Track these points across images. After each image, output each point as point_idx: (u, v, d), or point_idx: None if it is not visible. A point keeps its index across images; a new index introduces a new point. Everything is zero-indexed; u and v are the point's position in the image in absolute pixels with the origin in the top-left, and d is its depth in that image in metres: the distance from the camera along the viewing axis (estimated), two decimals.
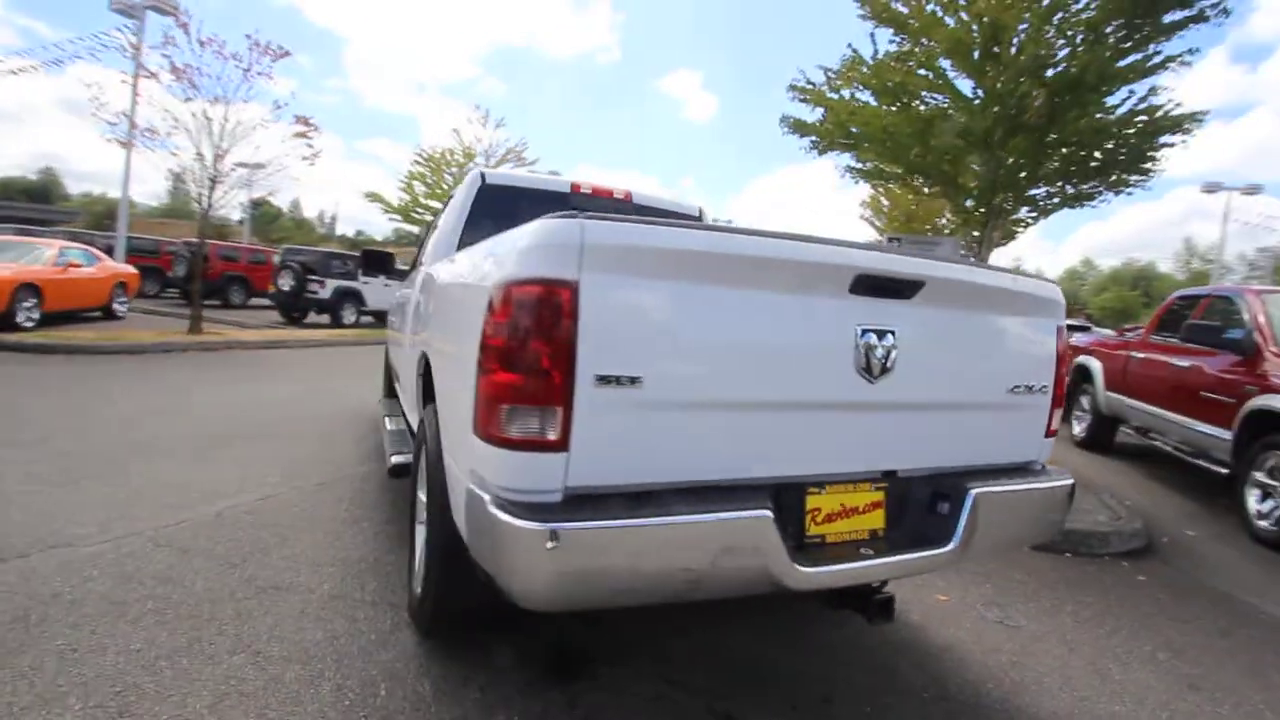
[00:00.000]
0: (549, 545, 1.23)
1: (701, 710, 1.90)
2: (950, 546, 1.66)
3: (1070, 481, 1.94)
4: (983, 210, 5.76)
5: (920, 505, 1.76)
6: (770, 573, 1.41)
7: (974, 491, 1.70)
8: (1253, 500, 4.14)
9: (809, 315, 1.51)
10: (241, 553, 2.68)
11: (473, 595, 1.87)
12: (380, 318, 15.29)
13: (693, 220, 3.68)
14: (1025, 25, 4.85)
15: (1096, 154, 5.41)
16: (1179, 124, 5.26)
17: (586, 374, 1.29)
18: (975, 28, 4.94)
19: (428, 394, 2.47)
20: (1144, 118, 5.33)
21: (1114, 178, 5.57)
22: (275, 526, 2.99)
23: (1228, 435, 4.39)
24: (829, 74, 6.09)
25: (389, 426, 3.69)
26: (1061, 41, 4.97)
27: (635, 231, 1.33)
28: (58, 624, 2.05)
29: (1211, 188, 23.06)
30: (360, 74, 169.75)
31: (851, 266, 1.51)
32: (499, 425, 1.32)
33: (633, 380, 1.33)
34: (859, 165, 6.65)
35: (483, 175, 3.20)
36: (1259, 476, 4.13)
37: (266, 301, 15.87)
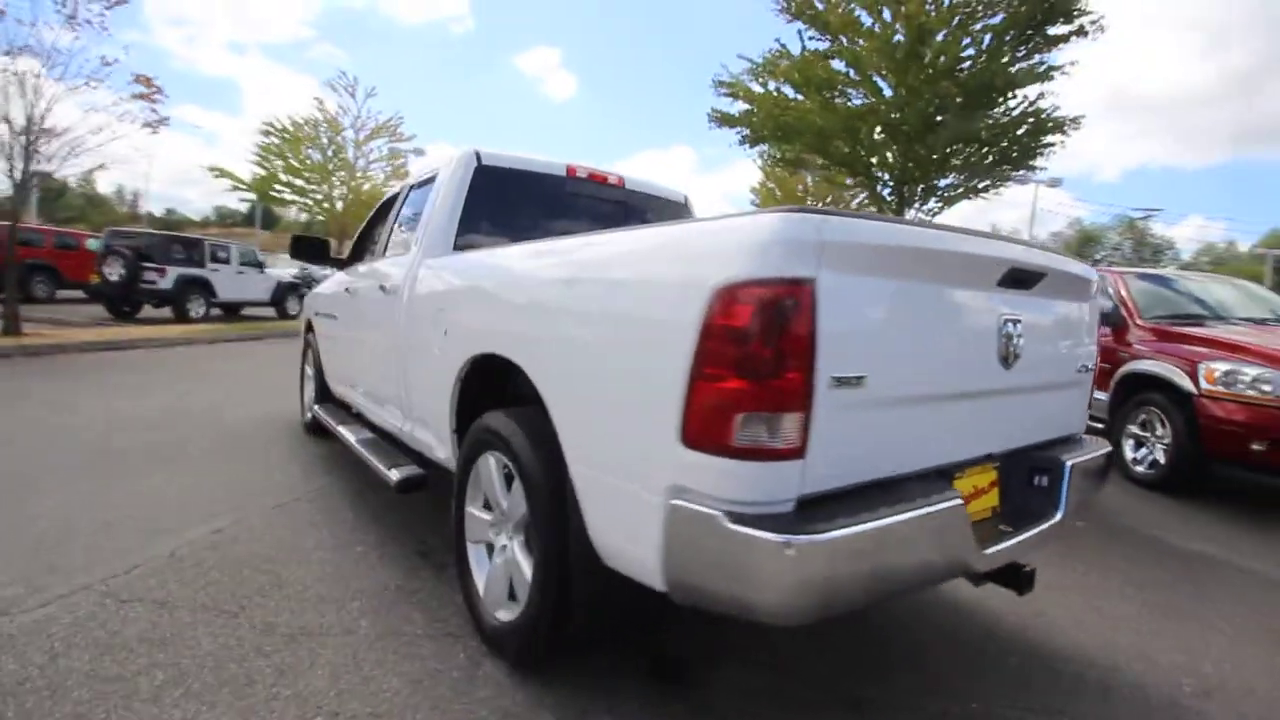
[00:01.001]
0: (796, 554, 1.17)
1: (825, 696, 1.92)
2: (1058, 517, 1.81)
3: (1110, 448, 2.19)
4: (896, 199, 6.30)
5: (1020, 481, 1.89)
6: (964, 558, 1.46)
7: (1069, 463, 1.86)
8: (1129, 449, 4.94)
9: (974, 308, 1.56)
10: (234, 598, 2.27)
11: (593, 615, 1.75)
12: (231, 310, 13.57)
13: (681, 206, 3.63)
14: (945, 32, 5.34)
15: (995, 150, 6.14)
16: (1060, 125, 6.11)
17: (825, 376, 1.23)
18: (902, 31, 5.35)
19: (467, 403, 2.25)
20: (1033, 119, 6.12)
21: (1007, 170, 6.36)
22: (254, 562, 2.56)
23: (1104, 397, 5.19)
24: (753, 66, 6.27)
25: (351, 437, 3.29)
26: (972, 49, 5.54)
27: (865, 228, 1.29)
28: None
29: (1021, 180, 26.87)
30: (165, 29, 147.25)
31: (1009, 260, 1.58)
32: (730, 435, 1.22)
33: (858, 380, 1.29)
34: (780, 156, 6.95)
35: (478, 155, 2.92)
36: (1132, 429, 4.93)
37: (81, 295, 13.47)
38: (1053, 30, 5.57)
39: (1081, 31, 5.62)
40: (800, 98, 6.01)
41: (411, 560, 2.68)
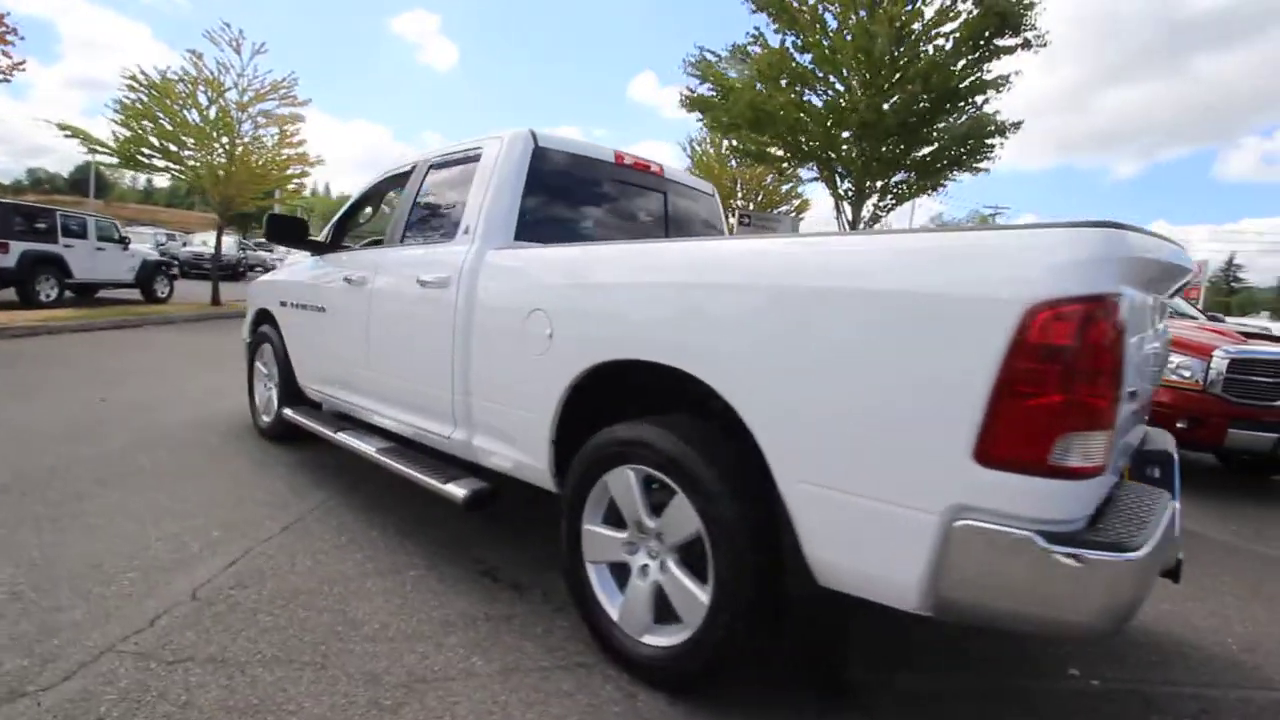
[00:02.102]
0: (1125, 570, 1.17)
1: (990, 686, 1.97)
2: (1177, 504, 1.96)
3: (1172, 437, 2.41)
4: (856, 194, 6.57)
5: (1138, 475, 2.02)
6: (1173, 555, 1.54)
7: (1175, 453, 2.01)
8: None
9: (1149, 318, 1.63)
10: (307, 645, 1.95)
11: (764, 633, 1.67)
12: (85, 293, 11.74)
13: (711, 198, 3.54)
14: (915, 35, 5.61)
15: (950, 151, 6.55)
16: (1003, 129, 6.63)
17: (1125, 391, 1.23)
18: (882, 32, 5.54)
19: (584, 413, 2.07)
20: (976, 125, 6.59)
21: (956, 167, 6.83)
22: (300, 598, 2.22)
23: None
24: (726, 53, 6.23)
25: (368, 447, 2.93)
26: (932, 54, 5.85)
27: (1144, 242, 1.29)
28: None
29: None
30: None
31: (1179, 266, 1.66)
32: (1045, 453, 1.19)
33: (1133, 395, 1.30)
34: (741, 147, 6.99)
35: (534, 135, 2.66)
36: None
37: None
38: (1001, 42, 6.05)
39: (1026, 44, 6.16)
40: (762, 89, 6.12)
41: (481, 583, 2.44)
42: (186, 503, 3.00)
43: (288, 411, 3.72)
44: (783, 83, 6.10)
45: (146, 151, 11.46)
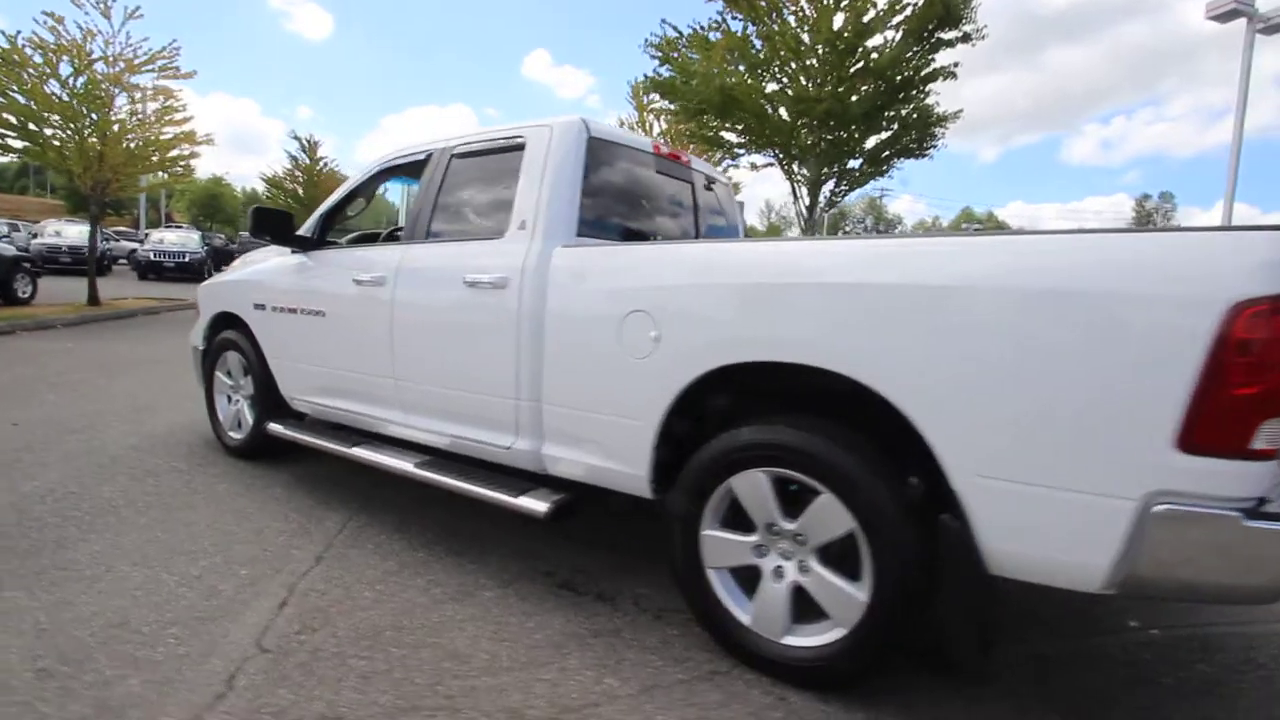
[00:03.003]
0: None
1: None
2: None
3: None
4: (813, 179, 6.74)
5: None
6: None
7: None
8: None
9: None
10: (419, 689, 1.78)
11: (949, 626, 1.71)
12: None
13: (728, 188, 3.52)
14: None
15: (902, 139, 6.85)
16: (945, 119, 7.01)
17: None
18: (846, 22, 5.64)
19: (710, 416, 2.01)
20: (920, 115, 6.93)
21: (904, 156, 7.16)
22: (384, 636, 2.03)
23: None
24: (689, 35, 6.15)
25: (405, 464, 2.72)
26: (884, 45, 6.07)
27: None
28: None
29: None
30: None
31: None
32: (1248, 439, 1.29)
33: None
34: (700, 132, 6.96)
35: (587, 124, 2.52)
36: None
37: None
38: (943, 35, 6.39)
39: (966, 38, 6.55)
40: (732, 77, 6.14)
41: (564, 596, 2.33)
42: (189, 539, 2.65)
43: (275, 427, 3.36)
44: (742, 69, 6.16)
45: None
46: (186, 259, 17.84)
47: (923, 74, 6.53)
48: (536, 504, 2.30)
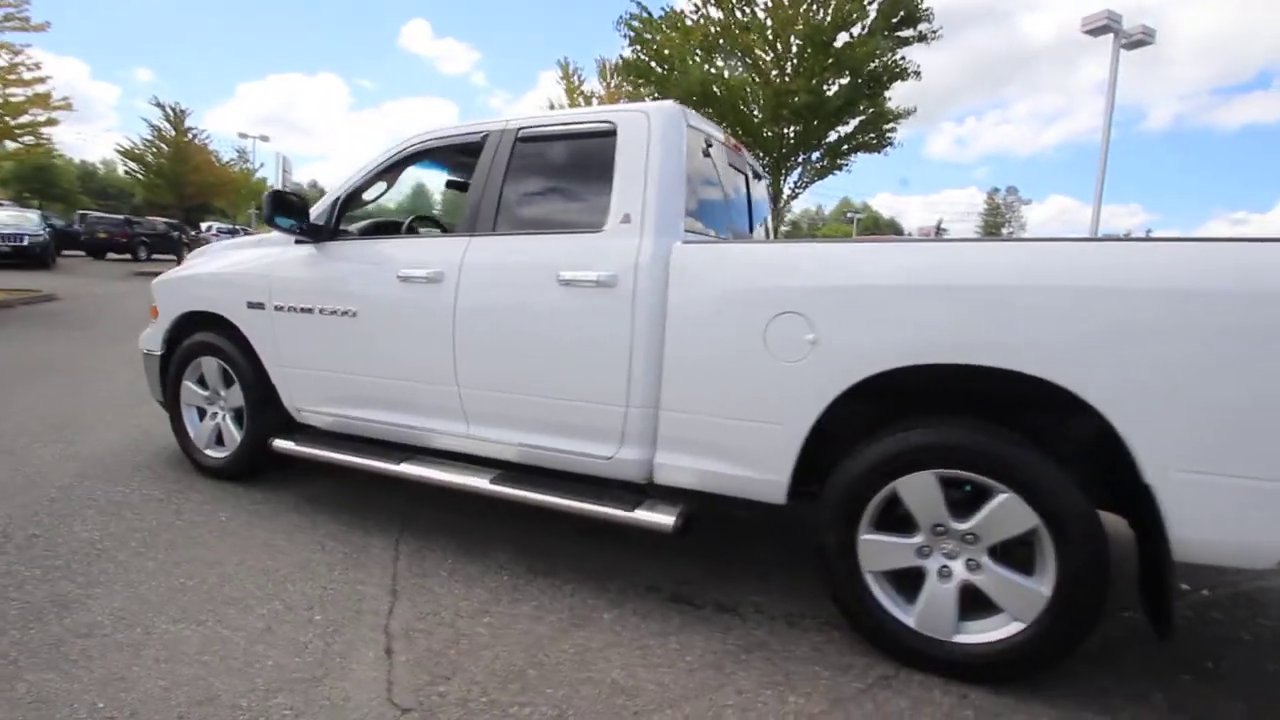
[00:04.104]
0: None
1: None
2: None
3: None
4: (776, 169, 6.83)
5: None
6: None
7: None
8: None
9: None
10: None
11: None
12: None
13: (762, 179, 3.47)
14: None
15: (863, 133, 7.07)
16: (900, 115, 7.33)
17: None
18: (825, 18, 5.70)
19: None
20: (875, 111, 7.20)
21: (862, 150, 7.40)
22: (531, 675, 1.83)
23: None
24: (659, 17, 5.98)
25: (477, 481, 2.47)
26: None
27: None
28: None
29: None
30: None
31: None
32: None
33: None
34: None
35: (685, 112, 2.37)
36: None
37: None
38: (902, 34, 6.69)
39: (921, 37, 6.88)
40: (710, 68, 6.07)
41: (686, 611, 2.22)
42: (224, 582, 2.25)
43: (283, 443, 2.94)
44: (719, 59, 6.13)
45: None
46: (25, 243, 15.21)
47: (892, 71, 6.86)
48: (661, 517, 2.16)
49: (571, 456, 2.37)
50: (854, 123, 7.70)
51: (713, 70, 6.67)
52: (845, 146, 8.09)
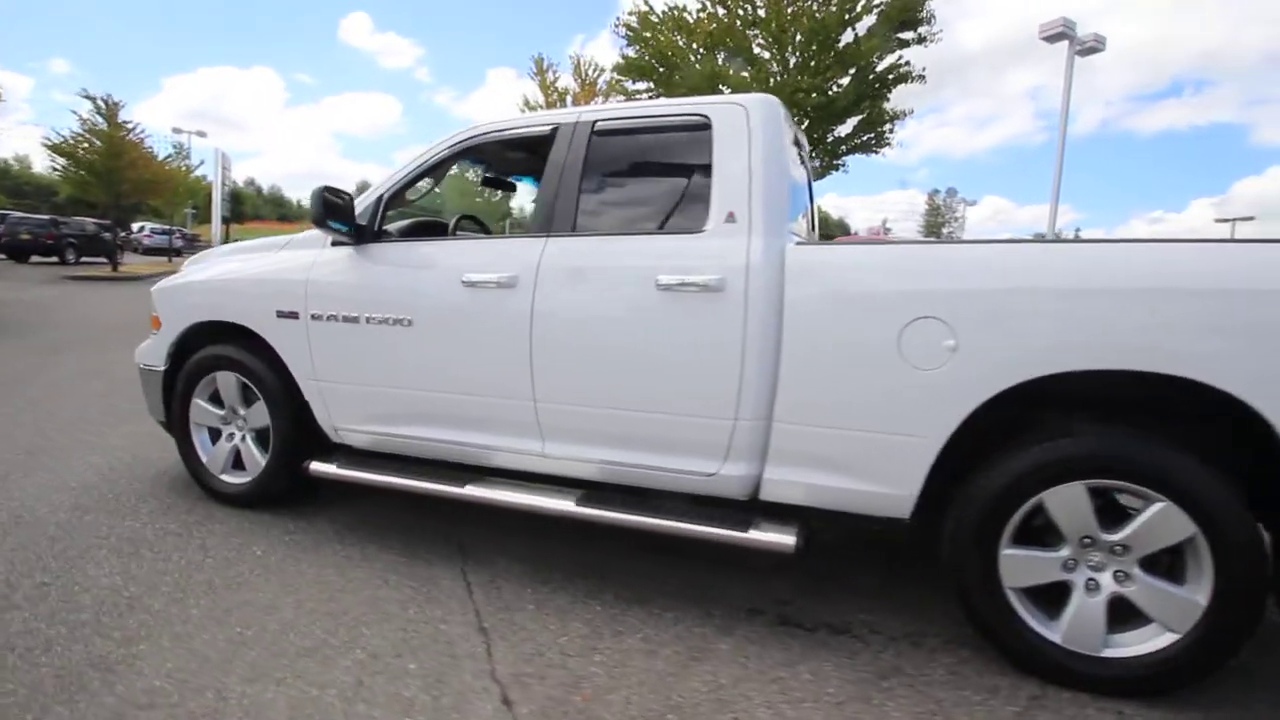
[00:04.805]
0: None
1: None
2: None
3: None
4: None
5: None
6: None
7: None
8: None
9: None
10: None
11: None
12: None
13: None
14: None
15: (862, 134, 7.07)
16: (897, 116, 7.36)
17: None
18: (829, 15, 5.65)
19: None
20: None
21: (857, 151, 7.41)
22: (671, 718, 1.67)
23: None
24: (662, 16, 5.82)
25: (562, 503, 2.29)
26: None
27: None
28: None
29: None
30: None
31: None
32: None
33: None
34: None
35: (780, 105, 2.23)
36: None
37: None
38: (903, 35, 6.74)
39: (920, 40, 6.94)
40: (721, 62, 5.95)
41: (799, 635, 2.09)
42: (289, 629, 2.00)
43: (322, 466, 2.67)
44: (720, 57, 6.03)
45: None
46: None
47: (898, 71, 6.91)
48: (781, 538, 2.02)
49: (665, 474, 2.21)
50: (852, 123, 7.80)
51: (717, 68, 6.62)
52: (844, 147, 8.20)
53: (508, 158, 2.97)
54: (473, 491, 2.41)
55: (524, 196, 3.90)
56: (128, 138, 18.18)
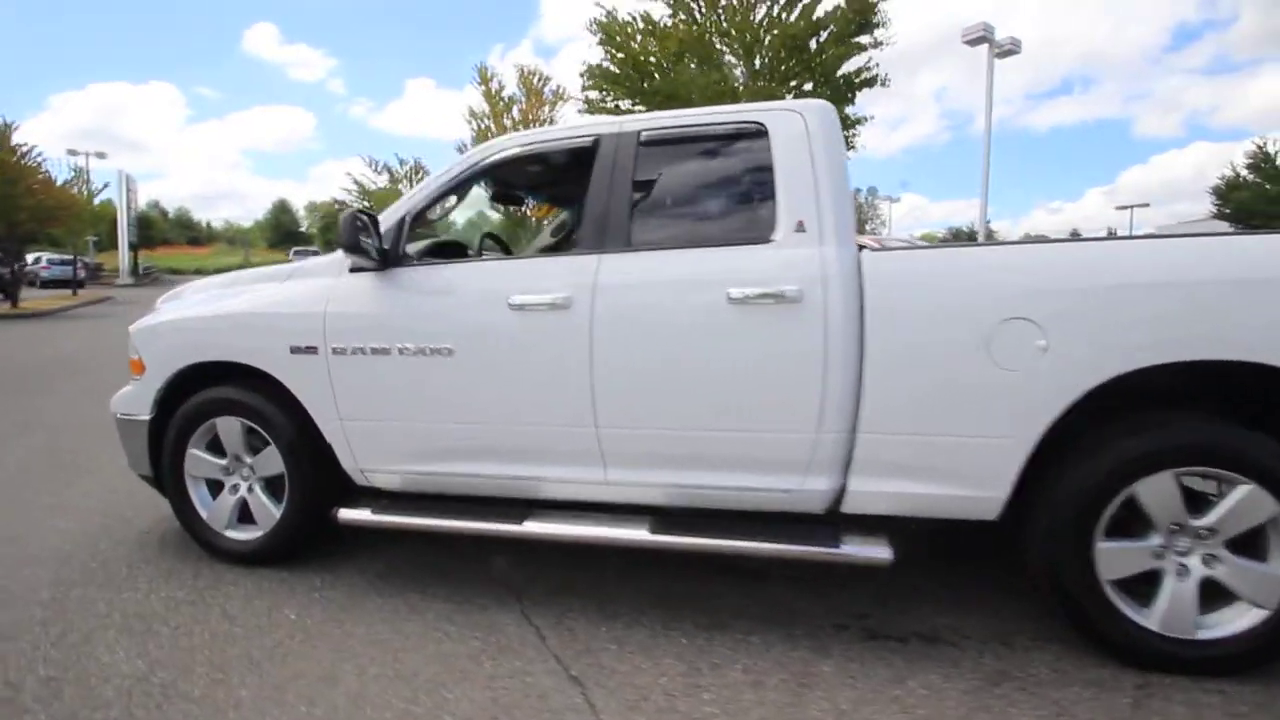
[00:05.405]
0: None
1: None
2: None
3: None
4: None
5: None
6: None
7: None
8: None
9: None
10: None
11: None
12: None
13: None
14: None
15: None
16: (860, 121, 7.52)
17: None
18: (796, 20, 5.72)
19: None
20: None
21: None
22: None
23: None
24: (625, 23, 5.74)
25: (636, 532, 2.18)
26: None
27: None
28: None
29: None
30: None
31: None
32: None
33: None
34: None
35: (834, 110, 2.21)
36: None
37: None
38: (859, 40, 6.91)
39: (876, 44, 7.15)
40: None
41: (894, 649, 2.05)
42: (361, 701, 1.80)
43: (352, 514, 2.45)
44: (691, 63, 6.01)
45: None
46: None
47: (862, 77, 7.11)
48: (876, 551, 1.99)
49: (738, 492, 2.14)
50: None
51: (691, 75, 6.64)
52: None
53: (545, 171, 2.81)
54: (534, 528, 2.26)
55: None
56: (23, 162, 16.57)
